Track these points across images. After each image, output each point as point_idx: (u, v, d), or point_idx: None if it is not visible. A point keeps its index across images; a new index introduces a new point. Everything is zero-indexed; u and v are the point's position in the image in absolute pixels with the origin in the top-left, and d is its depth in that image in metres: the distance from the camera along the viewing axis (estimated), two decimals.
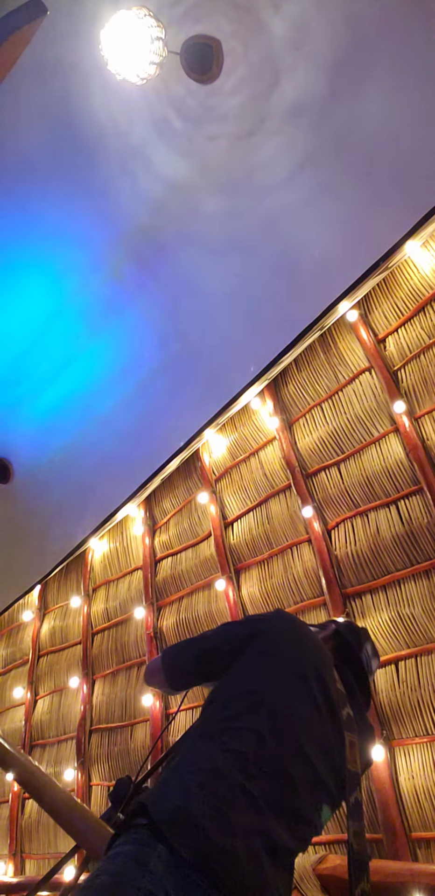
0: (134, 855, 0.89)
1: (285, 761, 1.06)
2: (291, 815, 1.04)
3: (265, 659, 1.24)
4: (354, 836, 1.11)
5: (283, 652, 1.25)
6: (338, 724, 1.21)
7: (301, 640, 1.32)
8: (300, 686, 1.19)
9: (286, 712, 1.12)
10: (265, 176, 2.71)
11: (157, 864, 0.86)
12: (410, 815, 2.65)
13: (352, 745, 1.20)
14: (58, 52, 2.40)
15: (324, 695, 1.21)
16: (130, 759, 4.10)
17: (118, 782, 1.35)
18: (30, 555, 5.08)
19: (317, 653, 1.30)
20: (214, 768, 1.01)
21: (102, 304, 3.30)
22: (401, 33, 2.27)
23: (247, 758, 1.02)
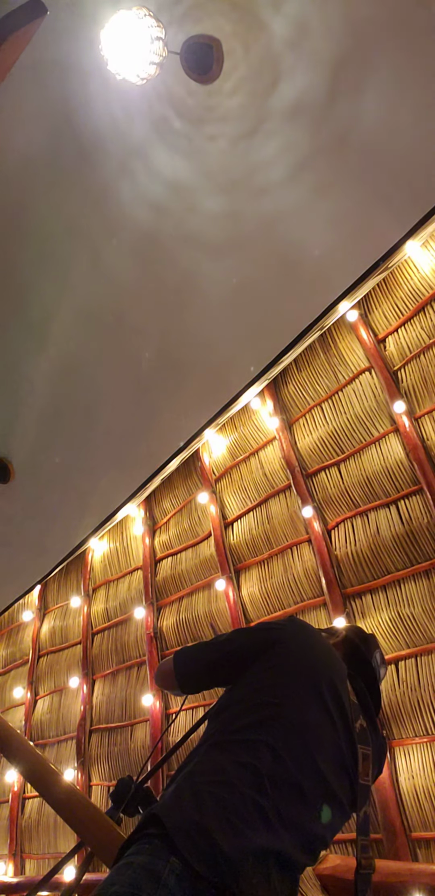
0: (146, 866, 0.88)
1: (298, 777, 1.06)
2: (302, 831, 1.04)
3: (279, 669, 1.23)
4: (361, 850, 1.12)
5: (297, 663, 1.25)
6: (351, 737, 1.20)
7: (315, 650, 1.31)
8: (314, 698, 1.18)
9: (300, 726, 1.12)
10: (265, 176, 2.70)
11: (170, 877, 0.86)
12: (410, 815, 2.65)
13: (365, 759, 1.20)
14: (58, 52, 2.39)
15: (338, 707, 1.21)
16: (130, 759, 4.11)
17: (119, 782, 1.35)
18: (30, 555, 5.07)
19: (331, 664, 1.30)
20: (228, 781, 1.00)
21: (102, 304, 3.29)
22: (401, 33, 2.26)
23: (260, 772, 1.02)
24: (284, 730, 1.10)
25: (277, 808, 1.00)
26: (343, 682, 1.27)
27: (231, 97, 2.49)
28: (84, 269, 3.12)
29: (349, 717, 1.22)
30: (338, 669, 1.30)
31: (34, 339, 3.46)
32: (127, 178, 2.78)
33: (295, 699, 1.16)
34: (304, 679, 1.21)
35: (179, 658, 1.39)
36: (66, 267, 3.12)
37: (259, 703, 1.15)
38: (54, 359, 3.55)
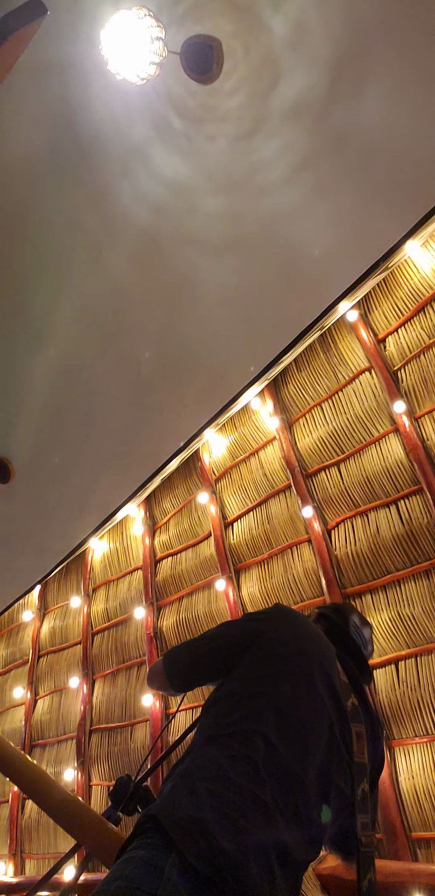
0: (148, 860, 0.88)
1: (294, 765, 1.05)
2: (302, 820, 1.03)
3: (267, 658, 1.23)
4: (361, 828, 1.11)
5: (285, 649, 1.25)
6: (344, 717, 1.20)
7: (302, 635, 1.31)
8: (305, 682, 1.18)
9: (292, 712, 1.11)
10: (265, 176, 2.70)
11: (172, 870, 0.85)
12: (410, 815, 2.65)
13: (359, 737, 1.19)
14: (58, 52, 2.40)
15: (329, 688, 1.20)
16: (130, 759, 4.11)
17: (118, 781, 1.35)
18: (30, 555, 5.07)
19: (319, 646, 1.30)
20: (224, 776, 0.99)
21: (102, 304, 3.30)
22: (401, 33, 2.26)
23: (256, 763, 1.01)
24: (275, 718, 1.09)
25: (275, 797, 0.99)
26: (332, 663, 1.27)
27: (231, 97, 2.49)
28: (84, 268, 3.12)
29: (341, 697, 1.22)
30: (326, 651, 1.30)
31: (34, 339, 3.46)
32: (127, 178, 2.78)
33: (285, 686, 1.16)
34: (293, 665, 1.21)
35: (169, 657, 1.39)
36: (66, 267, 3.12)
37: (249, 693, 1.15)
38: (54, 359, 3.55)
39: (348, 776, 1.15)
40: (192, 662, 1.36)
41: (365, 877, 1.07)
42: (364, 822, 1.12)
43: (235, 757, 1.02)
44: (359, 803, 1.13)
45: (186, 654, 1.38)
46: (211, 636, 1.38)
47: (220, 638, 1.36)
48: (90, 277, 3.17)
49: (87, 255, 3.08)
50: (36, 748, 5.09)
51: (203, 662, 1.34)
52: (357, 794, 1.14)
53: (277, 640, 1.27)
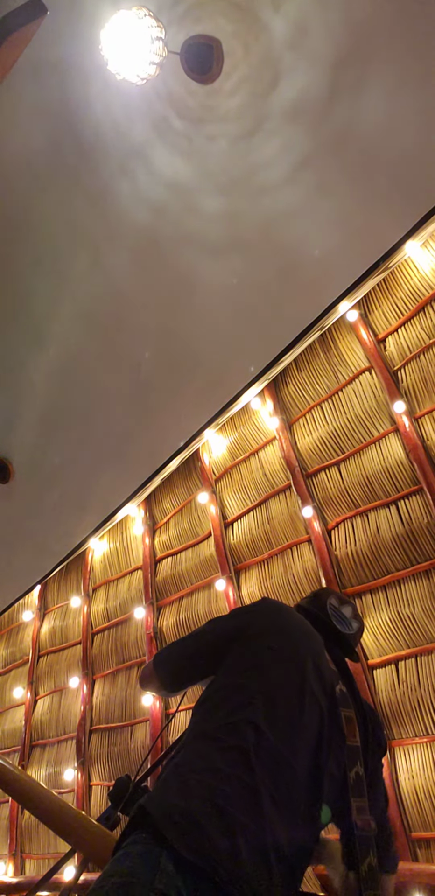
0: (143, 854, 0.88)
1: (285, 752, 1.05)
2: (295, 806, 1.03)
3: (254, 650, 1.23)
4: (357, 812, 1.11)
5: (271, 640, 1.25)
6: (333, 702, 1.20)
7: (289, 625, 1.32)
8: (292, 671, 1.18)
9: (281, 701, 1.11)
10: (265, 176, 2.70)
11: (168, 862, 0.85)
12: (410, 815, 2.65)
13: (348, 721, 1.19)
14: (58, 52, 2.40)
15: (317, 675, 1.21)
16: (130, 759, 4.11)
17: (117, 781, 1.35)
18: (30, 555, 5.07)
19: (305, 635, 1.30)
20: (213, 767, 0.99)
21: (102, 304, 3.30)
22: (401, 33, 2.26)
23: (246, 751, 1.01)
24: (264, 706, 1.09)
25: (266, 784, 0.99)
26: (319, 652, 1.28)
27: (231, 97, 2.49)
28: (84, 269, 3.12)
29: (329, 683, 1.22)
30: (312, 640, 1.30)
31: (34, 340, 3.46)
32: (127, 178, 2.78)
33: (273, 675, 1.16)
34: (279, 654, 1.21)
35: (158, 659, 1.39)
36: (65, 267, 3.13)
37: (237, 686, 1.15)
38: (54, 359, 3.55)
39: (341, 761, 1.15)
40: (181, 662, 1.36)
41: (364, 861, 1.06)
42: (359, 805, 1.11)
43: (225, 748, 1.02)
44: (352, 786, 1.13)
45: (176, 654, 1.39)
46: (199, 634, 1.39)
47: (207, 635, 1.36)
48: (90, 277, 3.17)
49: (87, 255, 3.08)
50: (36, 748, 5.09)
51: (192, 660, 1.34)
52: (350, 777, 1.13)
53: (263, 633, 1.28)
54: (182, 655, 1.37)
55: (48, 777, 4.81)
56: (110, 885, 0.83)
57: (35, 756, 5.05)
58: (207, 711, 1.14)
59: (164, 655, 1.39)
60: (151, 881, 0.82)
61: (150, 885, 0.81)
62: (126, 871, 0.85)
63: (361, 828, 1.10)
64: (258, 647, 1.24)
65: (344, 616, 1.52)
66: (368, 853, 1.08)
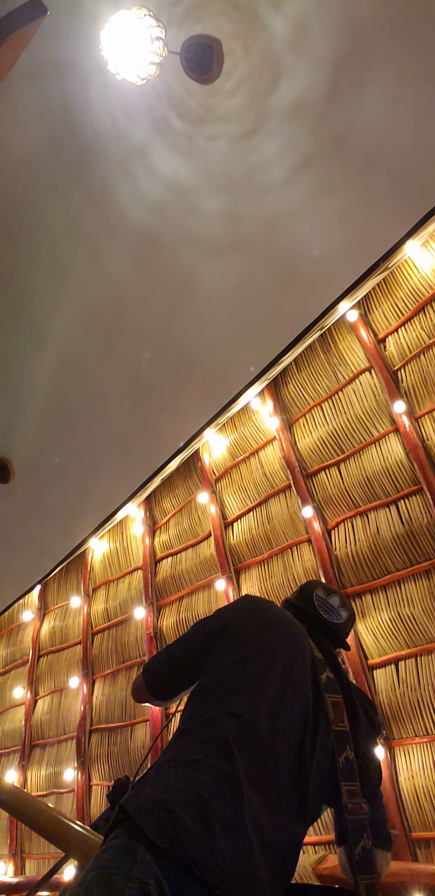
0: (122, 847, 0.89)
1: (268, 739, 1.05)
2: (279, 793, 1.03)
3: (234, 646, 1.24)
4: (348, 796, 1.11)
5: (251, 635, 1.26)
6: (318, 689, 1.20)
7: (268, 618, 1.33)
8: (273, 662, 1.19)
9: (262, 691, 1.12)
10: (265, 176, 2.70)
11: (145, 854, 0.87)
12: (410, 815, 2.65)
13: (335, 706, 1.20)
14: (58, 52, 2.40)
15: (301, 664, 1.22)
16: (130, 759, 4.11)
17: (117, 782, 1.35)
18: (30, 555, 5.07)
19: (287, 627, 1.32)
20: (192, 759, 1.00)
21: (102, 304, 3.30)
22: (401, 33, 2.26)
23: (226, 739, 1.01)
24: (245, 697, 1.10)
25: (248, 772, 0.99)
26: (302, 641, 1.29)
27: (231, 97, 2.48)
28: (84, 268, 3.12)
29: (314, 671, 1.23)
30: (294, 630, 1.31)
31: (34, 340, 3.46)
32: (127, 178, 2.78)
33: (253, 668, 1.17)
34: (259, 647, 1.22)
35: (147, 669, 1.40)
36: (65, 267, 3.13)
37: (218, 682, 1.16)
38: (54, 359, 3.55)
39: (329, 746, 1.15)
40: (169, 669, 1.37)
41: (358, 844, 1.06)
42: (350, 789, 1.12)
43: (205, 740, 1.03)
44: (342, 771, 1.13)
45: (163, 663, 1.39)
46: (183, 639, 1.40)
47: (191, 638, 1.37)
48: (90, 277, 3.16)
49: (87, 255, 3.08)
50: (36, 748, 5.09)
51: (179, 666, 1.35)
52: (340, 761, 1.13)
53: (242, 628, 1.29)
54: (169, 663, 1.38)
55: (48, 777, 4.81)
56: (91, 878, 0.85)
57: (35, 756, 5.05)
58: (190, 711, 1.16)
59: (152, 666, 1.40)
60: (129, 871, 0.84)
61: (128, 876, 0.83)
62: (106, 863, 0.87)
63: (352, 811, 1.10)
64: (239, 643, 1.25)
65: (331, 606, 1.53)
66: (361, 837, 1.08)
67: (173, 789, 0.94)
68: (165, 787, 0.95)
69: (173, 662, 1.36)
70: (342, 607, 1.55)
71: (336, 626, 1.49)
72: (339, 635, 1.49)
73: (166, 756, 1.06)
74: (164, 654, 1.41)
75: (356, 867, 1.05)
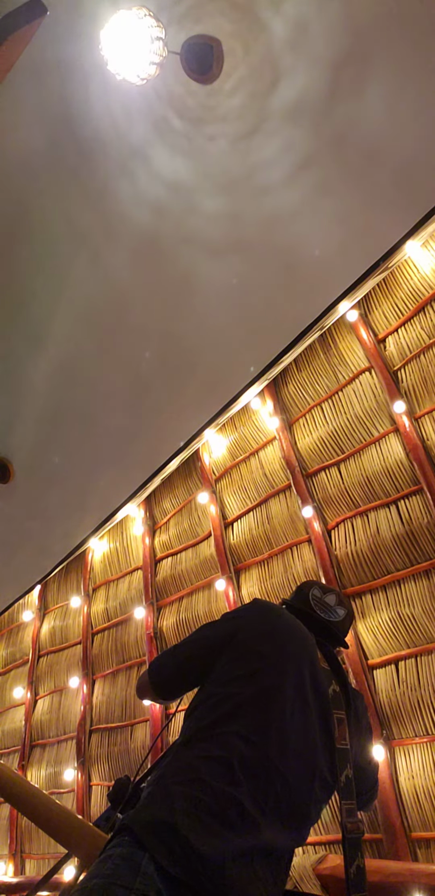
0: (125, 857, 0.89)
1: (274, 760, 1.05)
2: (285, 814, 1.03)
3: (244, 656, 1.23)
4: (347, 814, 1.11)
5: (262, 646, 1.24)
6: (325, 705, 1.19)
7: (280, 629, 1.31)
8: (283, 677, 1.18)
9: (271, 709, 1.11)
10: (265, 176, 2.70)
11: (149, 865, 0.86)
12: (410, 815, 2.65)
13: (340, 723, 1.19)
14: (58, 52, 2.39)
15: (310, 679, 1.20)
16: (130, 759, 4.10)
17: (117, 782, 1.35)
18: (30, 555, 5.07)
19: (297, 637, 1.29)
20: (199, 778, 0.99)
21: (102, 304, 3.30)
22: (401, 32, 2.26)
23: (231, 763, 1.01)
24: (253, 716, 1.09)
25: (254, 796, 0.99)
26: (312, 653, 1.27)
27: (231, 97, 2.48)
28: (84, 269, 3.12)
29: (322, 686, 1.22)
30: (305, 641, 1.29)
31: (34, 340, 3.46)
32: (127, 178, 2.78)
33: (263, 683, 1.15)
34: (270, 661, 1.20)
35: (153, 667, 1.40)
36: (65, 267, 3.12)
37: (227, 695, 1.14)
38: (54, 359, 3.55)
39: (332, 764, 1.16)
40: (175, 668, 1.36)
41: (353, 863, 1.07)
42: (349, 807, 1.12)
43: (210, 759, 1.02)
44: (343, 790, 1.13)
45: (169, 662, 1.39)
46: (191, 641, 1.39)
47: (200, 641, 1.36)
48: (90, 277, 3.16)
49: (87, 255, 3.08)
50: (36, 748, 5.09)
51: (185, 667, 1.34)
52: (341, 780, 1.14)
53: (253, 638, 1.27)
54: (175, 664, 1.37)
55: (48, 777, 4.81)
56: (93, 886, 0.85)
57: (35, 756, 5.05)
58: (196, 720, 1.15)
59: (158, 664, 1.40)
60: (132, 883, 0.83)
61: (131, 887, 0.83)
62: (108, 872, 0.87)
63: (350, 830, 1.10)
64: (248, 653, 1.23)
65: (328, 605, 1.52)
66: (356, 855, 1.08)
67: (182, 812, 0.93)
68: (173, 808, 0.94)
69: (179, 664, 1.36)
70: (339, 605, 1.54)
71: (335, 625, 1.48)
72: (338, 634, 1.48)
73: (171, 767, 1.05)
74: (170, 655, 1.40)
75: (351, 885, 1.06)
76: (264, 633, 1.29)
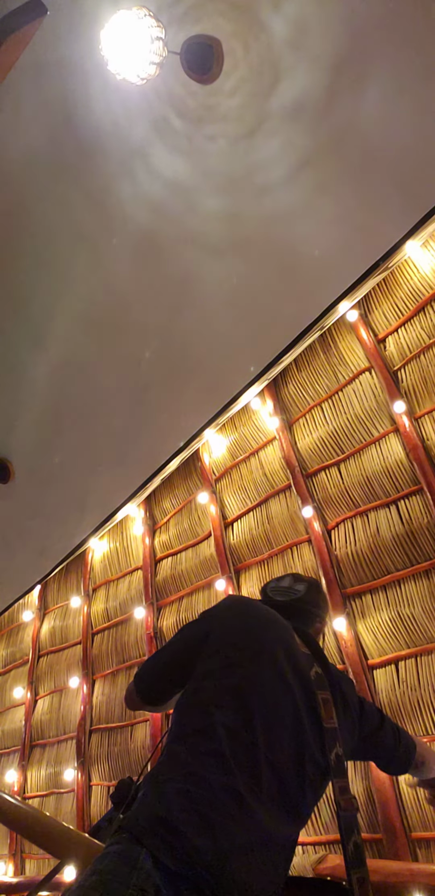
0: (121, 853, 0.89)
1: (261, 746, 1.06)
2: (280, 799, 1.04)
3: (221, 651, 1.24)
4: (339, 792, 1.12)
5: (237, 638, 1.26)
6: (308, 687, 1.20)
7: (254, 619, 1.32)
8: (261, 664, 1.19)
9: (252, 697, 1.12)
10: (265, 176, 2.70)
11: (146, 861, 0.87)
12: (410, 815, 2.65)
13: (325, 703, 1.20)
14: (58, 52, 2.39)
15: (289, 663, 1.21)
16: (130, 759, 4.11)
17: (120, 783, 1.35)
18: (30, 555, 5.07)
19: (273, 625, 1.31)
20: (191, 773, 1.00)
21: (102, 304, 3.29)
22: (401, 33, 2.26)
23: (223, 754, 1.02)
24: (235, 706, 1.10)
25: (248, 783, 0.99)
26: (289, 639, 1.28)
27: (231, 97, 2.48)
28: (84, 268, 3.12)
29: (302, 668, 1.23)
30: (280, 628, 1.31)
31: (34, 339, 3.45)
32: (127, 177, 2.78)
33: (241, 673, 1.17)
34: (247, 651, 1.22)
35: (137, 674, 1.40)
36: (65, 267, 3.12)
37: (208, 688, 1.16)
38: (54, 359, 3.55)
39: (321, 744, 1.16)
40: (158, 673, 1.37)
41: (350, 840, 1.07)
42: (341, 785, 1.12)
43: (201, 753, 1.03)
44: (334, 768, 1.14)
45: (152, 668, 1.39)
46: (172, 643, 1.40)
47: (180, 642, 1.38)
48: (90, 277, 3.16)
49: (87, 255, 3.08)
50: (36, 748, 5.09)
51: (167, 670, 1.35)
52: (331, 759, 1.14)
53: (227, 632, 1.29)
54: (157, 668, 1.38)
55: (48, 777, 4.81)
56: (89, 884, 0.85)
57: (35, 756, 5.05)
58: (181, 716, 1.16)
59: (142, 671, 1.40)
60: (129, 878, 0.84)
61: (128, 883, 0.83)
62: (105, 869, 0.87)
63: (344, 808, 1.11)
64: (224, 646, 1.25)
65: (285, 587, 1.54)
66: (352, 832, 1.09)
67: (178, 808, 0.94)
68: (168, 804, 0.95)
69: (161, 668, 1.37)
70: (297, 582, 1.56)
71: (299, 602, 1.49)
72: (308, 608, 1.49)
73: (162, 765, 1.06)
74: (152, 660, 1.41)
75: (349, 863, 1.06)
76: (238, 625, 1.31)
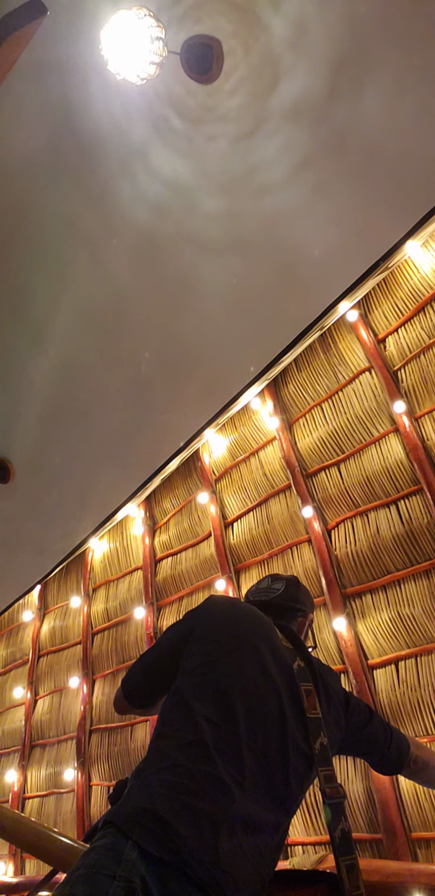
0: (108, 846, 0.90)
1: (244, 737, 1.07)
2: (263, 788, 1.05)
3: (202, 648, 1.26)
4: (325, 780, 1.13)
5: (218, 634, 1.28)
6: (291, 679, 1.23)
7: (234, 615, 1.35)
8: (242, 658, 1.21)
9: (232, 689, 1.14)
10: (265, 176, 2.70)
11: (131, 852, 0.88)
12: (410, 815, 2.65)
13: (308, 694, 1.22)
14: (58, 52, 2.39)
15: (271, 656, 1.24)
16: (130, 759, 4.11)
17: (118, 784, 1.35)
18: (30, 555, 5.07)
19: (253, 621, 1.34)
20: (174, 764, 1.01)
21: (102, 304, 3.29)
22: (401, 33, 2.26)
23: (204, 744, 1.03)
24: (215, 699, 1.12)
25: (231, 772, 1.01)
26: (269, 633, 1.31)
27: (231, 97, 2.48)
28: (84, 268, 3.12)
29: (284, 661, 1.25)
30: (261, 624, 1.33)
31: (34, 340, 3.46)
32: (127, 178, 2.78)
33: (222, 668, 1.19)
34: (227, 646, 1.24)
35: (124, 680, 1.41)
36: (65, 267, 3.12)
37: (191, 684, 1.17)
38: (54, 359, 3.55)
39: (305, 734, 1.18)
40: (144, 675, 1.38)
41: (337, 827, 1.08)
42: (327, 774, 1.14)
43: (184, 744, 1.05)
44: (318, 757, 1.15)
45: (138, 670, 1.40)
46: (156, 645, 1.42)
47: (164, 644, 1.39)
48: (90, 277, 3.16)
49: (87, 255, 3.08)
50: (36, 748, 5.09)
51: (153, 672, 1.37)
52: (315, 748, 1.16)
53: (208, 629, 1.31)
54: (143, 671, 1.39)
55: (48, 777, 4.81)
56: (76, 877, 0.87)
57: (35, 756, 5.05)
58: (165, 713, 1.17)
59: (128, 676, 1.41)
60: (115, 870, 0.85)
61: (114, 874, 0.84)
62: (91, 862, 0.88)
63: (330, 796, 1.12)
64: (205, 644, 1.27)
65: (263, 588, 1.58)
66: (339, 820, 1.10)
67: (161, 798, 0.95)
68: (152, 795, 0.96)
69: (146, 671, 1.38)
70: (275, 581, 1.59)
71: (279, 598, 1.51)
72: (288, 604, 1.51)
73: (148, 761, 1.08)
74: (138, 664, 1.42)
75: (337, 850, 1.07)
76: (219, 622, 1.33)
